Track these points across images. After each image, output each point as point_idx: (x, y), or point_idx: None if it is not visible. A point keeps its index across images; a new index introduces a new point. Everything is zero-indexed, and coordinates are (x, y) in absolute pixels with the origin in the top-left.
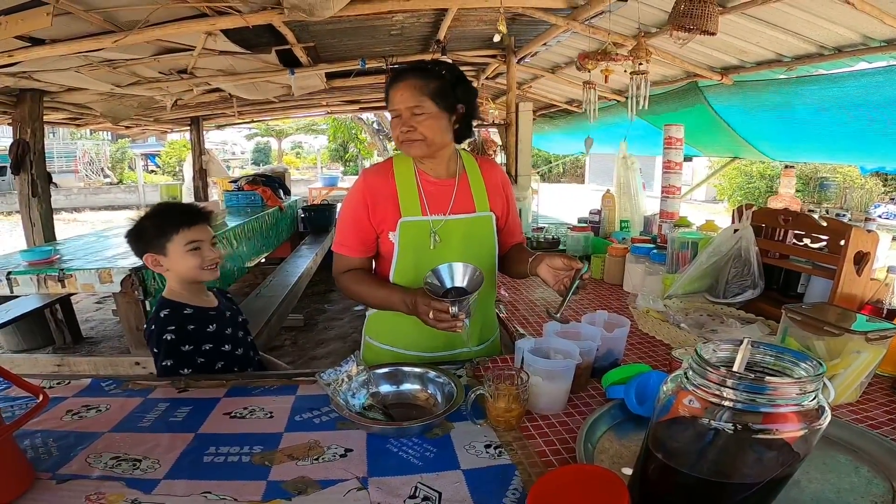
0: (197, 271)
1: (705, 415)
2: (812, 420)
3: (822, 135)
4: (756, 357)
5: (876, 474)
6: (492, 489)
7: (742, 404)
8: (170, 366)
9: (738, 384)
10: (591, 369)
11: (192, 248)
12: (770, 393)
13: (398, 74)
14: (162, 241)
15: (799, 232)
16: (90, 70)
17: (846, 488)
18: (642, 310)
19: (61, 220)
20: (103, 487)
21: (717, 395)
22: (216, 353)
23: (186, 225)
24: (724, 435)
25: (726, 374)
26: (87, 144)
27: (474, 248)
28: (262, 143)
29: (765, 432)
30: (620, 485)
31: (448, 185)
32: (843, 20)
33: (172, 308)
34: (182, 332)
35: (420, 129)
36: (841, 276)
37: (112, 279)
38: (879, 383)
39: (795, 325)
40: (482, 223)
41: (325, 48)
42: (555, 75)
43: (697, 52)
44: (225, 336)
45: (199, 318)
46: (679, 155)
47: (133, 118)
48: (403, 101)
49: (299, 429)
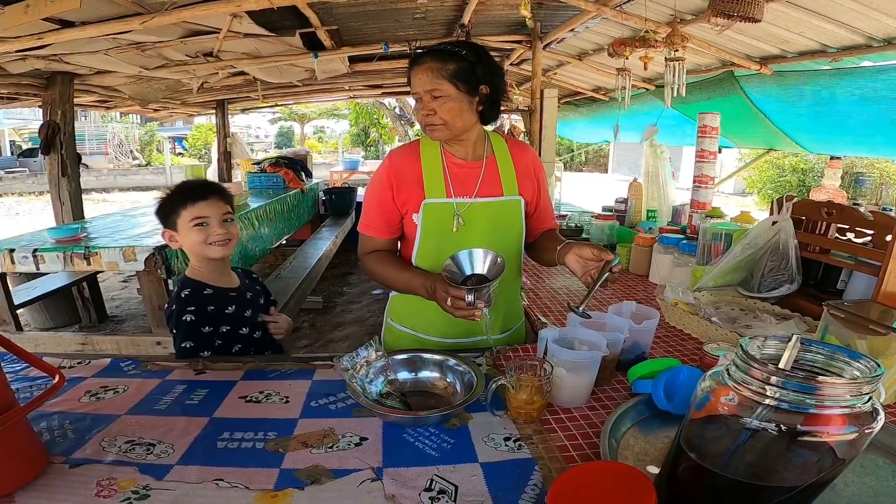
0: (202, 246)
1: (746, 413)
2: (864, 423)
3: (864, 127)
4: (801, 355)
5: None
6: (510, 484)
7: (789, 404)
8: (189, 348)
9: (786, 382)
10: (617, 362)
11: (197, 224)
12: (820, 393)
13: (417, 57)
14: (173, 217)
15: (842, 226)
16: (119, 52)
17: (884, 492)
18: (671, 302)
19: (91, 200)
20: (115, 473)
21: (762, 392)
22: (233, 336)
23: (192, 200)
24: (766, 435)
25: (775, 371)
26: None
27: (500, 232)
28: (285, 128)
29: (811, 434)
30: (647, 483)
31: (475, 167)
32: (892, 10)
33: (193, 288)
34: (202, 312)
35: (440, 112)
36: (886, 273)
37: (136, 257)
38: None
39: (837, 322)
40: (510, 207)
41: (349, 32)
42: (582, 62)
43: (735, 41)
44: (244, 318)
45: (218, 299)
46: (714, 144)
47: (160, 101)
48: (421, 84)
49: (315, 415)
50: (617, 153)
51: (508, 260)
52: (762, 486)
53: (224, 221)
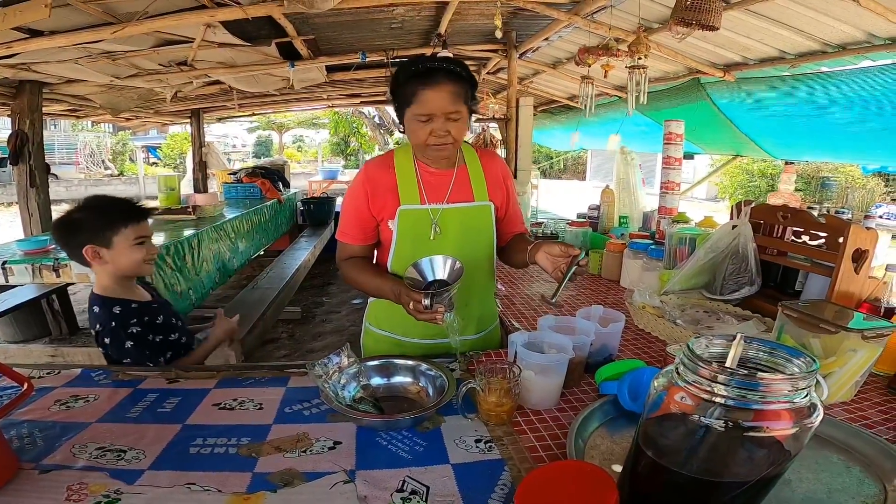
0: (139, 265)
1: (696, 411)
2: (804, 418)
3: (826, 133)
4: (749, 353)
5: (868, 474)
6: (480, 484)
7: (733, 401)
8: (150, 355)
9: (729, 380)
10: (585, 364)
11: (139, 243)
12: (762, 389)
13: (434, 74)
14: (108, 233)
15: (798, 229)
16: (89, 62)
17: (837, 488)
18: (638, 305)
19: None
20: (86, 478)
21: (708, 391)
22: (165, 344)
23: (136, 220)
24: (715, 432)
25: (717, 369)
26: (88, 136)
27: (472, 236)
28: (263, 137)
29: (756, 430)
30: (609, 481)
31: (447, 174)
32: (847, 17)
33: (121, 304)
34: (142, 324)
35: (453, 132)
36: (839, 274)
37: None
38: (875, 382)
39: (791, 322)
40: (481, 213)
41: (326, 41)
42: (556, 70)
43: (700, 49)
44: (170, 326)
45: (147, 312)
46: (679, 151)
47: (133, 110)
48: (443, 105)
49: (288, 420)
50: (595, 161)
51: (480, 263)
52: (716, 482)
53: (151, 240)
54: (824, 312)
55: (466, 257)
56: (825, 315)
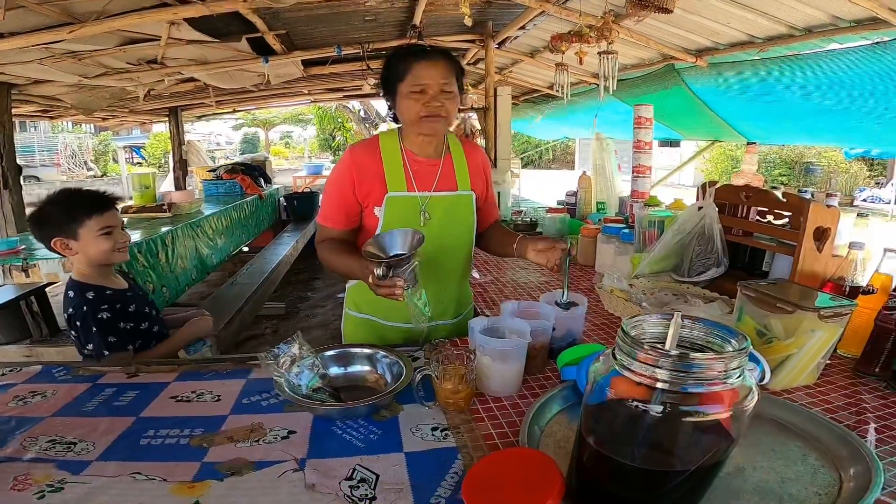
0: (109, 254)
1: (633, 396)
2: (739, 400)
3: (801, 116)
4: (689, 334)
5: (824, 463)
6: (431, 472)
7: (667, 383)
8: (114, 342)
9: (661, 361)
10: (549, 350)
11: (105, 233)
12: (696, 371)
13: (427, 51)
14: (73, 226)
15: (762, 209)
16: (54, 62)
17: (791, 478)
18: (607, 289)
19: None
20: (33, 469)
21: (642, 374)
22: (136, 332)
23: (99, 211)
24: (652, 417)
25: (649, 350)
26: (68, 138)
27: (455, 224)
28: (249, 134)
29: (693, 414)
30: (554, 468)
31: (434, 164)
32: (810, 0)
33: (95, 290)
34: (114, 311)
35: (447, 105)
36: (801, 253)
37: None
38: (841, 364)
39: (751, 302)
40: (463, 201)
41: (299, 35)
42: (534, 59)
43: (671, 34)
44: (143, 314)
45: (120, 300)
46: (649, 135)
47: (107, 109)
48: (437, 76)
49: (245, 411)
50: (583, 150)
51: (460, 250)
52: (657, 470)
53: (122, 229)
54: (788, 293)
55: (449, 244)
56: (789, 295)
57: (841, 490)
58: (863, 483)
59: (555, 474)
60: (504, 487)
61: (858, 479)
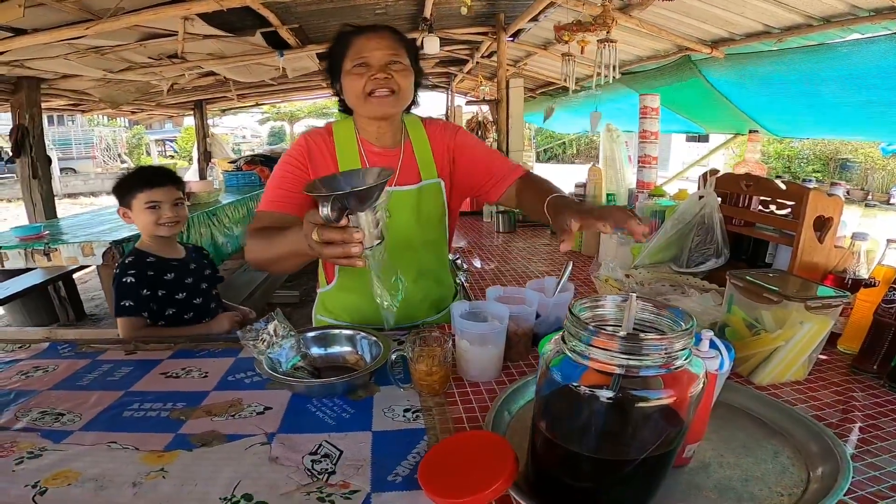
0: (153, 227)
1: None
2: (687, 383)
3: (825, 109)
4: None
5: (795, 462)
6: (395, 451)
7: (617, 366)
8: (128, 306)
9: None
10: (532, 336)
11: (150, 207)
12: (642, 352)
13: (366, 26)
14: (128, 198)
15: (765, 199)
16: (78, 57)
17: (757, 476)
18: (602, 279)
19: (79, 204)
20: (19, 437)
21: (589, 356)
22: (169, 300)
23: (149, 186)
24: (599, 402)
25: (595, 331)
26: (104, 131)
27: (424, 218)
28: (276, 128)
29: (640, 399)
30: (509, 453)
31: (393, 154)
32: None
33: (136, 256)
34: (141, 276)
35: (396, 78)
36: (800, 243)
37: (94, 252)
38: (838, 361)
39: (740, 293)
40: (429, 191)
41: (313, 29)
42: (547, 52)
43: (684, 24)
44: (183, 285)
45: (159, 267)
46: (655, 125)
47: (133, 102)
48: (381, 48)
49: (227, 388)
50: None
51: (433, 244)
52: (606, 458)
53: (175, 205)
54: (787, 285)
55: (418, 241)
56: (789, 287)
57: (805, 492)
58: (828, 483)
59: (509, 458)
60: (459, 468)
61: (825, 479)
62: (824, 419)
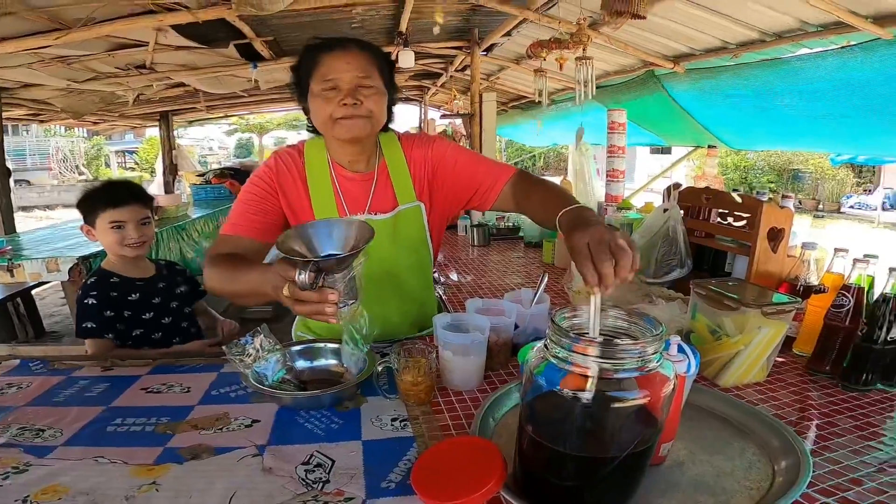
0: (117, 247)
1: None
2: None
3: (778, 122)
4: (614, 324)
5: (761, 457)
6: (386, 459)
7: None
8: (90, 328)
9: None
10: (511, 346)
11: (114, 227)
12: (619, 357)
13: (340, 41)
14: (91, 216)
15: (723, 211)
16: (43, 66)
17: (727, 472)
18: (575, 290)
19: (34, 217)
20: (1, 453)
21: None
22: (136, 321)
23: (113, 205)
24: (581, 404)
25: (576, 338)
26: (60, 142)
27: (402, 244)
28: (243, 140)
29: (620, 400)
30: (498, 455)
31: (366, 180)
32: (777, 5)
33: (99, 276)
34: (104, 297)
35: (367, 103)
36: (755, 253)
37: (59, 268)
38: (794, 363)
39: (703, 301)
40: (407, 216)
41: (287, 41)
42: (519, 66)
43: (650, 41)
44: (150, 305)
45: (123, 287)
46: (622, 139)
47: (96, 113)
48: (351, 69)
49: (212, 402)
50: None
51: (415, 268)
52: (590, 457)
53: (142, 225)
54: (745, 292)
55: (398, 268)
56: (746, 295)
57: (772, 486)
58: (791, 477)
59: (498, 461)
60: (451, 472)
61: (789, 472)
62: (784, 417)
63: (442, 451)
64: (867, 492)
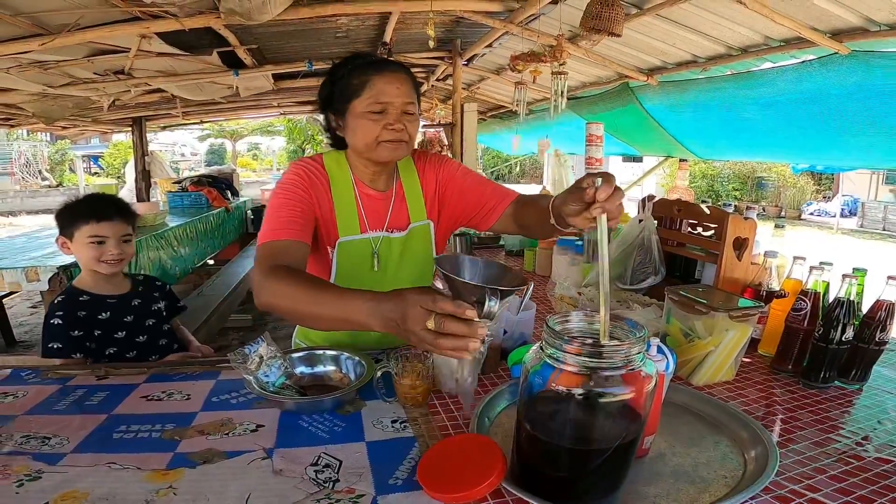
0: (94, 263)
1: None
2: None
3: (742, 133)
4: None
5: (733, 449)
6: (390, 458)
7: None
8: (57, 348)
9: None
10: (501, 351)
11: (93, 242)
12: (607, 356)
13: (387, 63)
14: (71, 228)
15: (693, 221)
16: (19, 71)
17: (703, 462)
18: (558, 296)
19: None
20: (10, 461)
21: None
22: (108, 339)
23: (95, 219)
24: (574, 400)
25: (569, 340)
26: (23, 146)
27: (412, 262)
28: (216, 145)
29: (608, 395)
30: (497, 450)
31: (385, 198)
32: (741, 20)
33: (68, 295)
34: (71, 317)
35: (409, 128)
36: (722, 261)
37: (39, 277)
38: (759, 362)
39: (676, 306)
40: (418, 234)
41: (270, 50)
42: (500, 76)
43: (625, 54)
44: (122, 323)
45: (93, 306)
46: (599, 151)
47: (69, 118)
48: (401, 94)
49: (215, 408)
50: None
51: (419, 284)
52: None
53: (123, 241)
54: (713, 298)
55: (405, 283)
56: (714, 300)
57: (745, 474)
58: (761, 466)
59: (498, 455)
60: (454, 468)
61: (758, 462)
62: (752, 413)
63: (445, 448)
64: (829, 479)
